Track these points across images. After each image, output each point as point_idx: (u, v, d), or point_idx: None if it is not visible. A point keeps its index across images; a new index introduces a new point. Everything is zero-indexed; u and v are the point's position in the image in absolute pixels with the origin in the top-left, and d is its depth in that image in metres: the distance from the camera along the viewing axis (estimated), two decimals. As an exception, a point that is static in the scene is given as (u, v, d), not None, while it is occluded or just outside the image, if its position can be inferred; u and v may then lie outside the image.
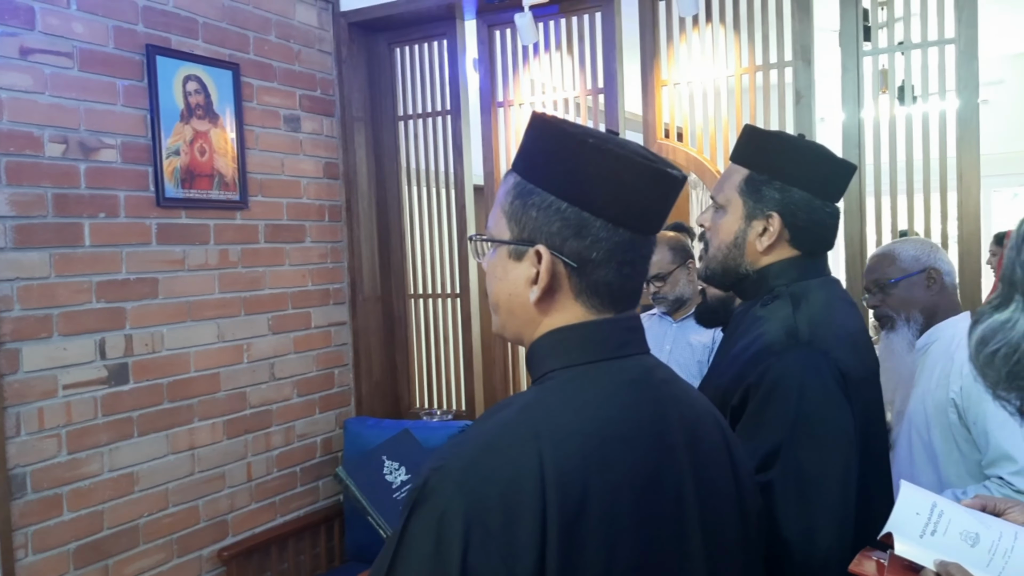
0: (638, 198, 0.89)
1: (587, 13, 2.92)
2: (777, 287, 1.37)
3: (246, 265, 2.76)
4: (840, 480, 1.19)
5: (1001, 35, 5.01)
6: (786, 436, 1.18)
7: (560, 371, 0.90)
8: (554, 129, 0.90)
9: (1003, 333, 0.48)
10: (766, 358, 1.24)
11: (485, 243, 0.97)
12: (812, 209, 1.37)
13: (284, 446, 2.91)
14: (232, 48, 2.71)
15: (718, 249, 1.43)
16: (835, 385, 1.22)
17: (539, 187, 0.90)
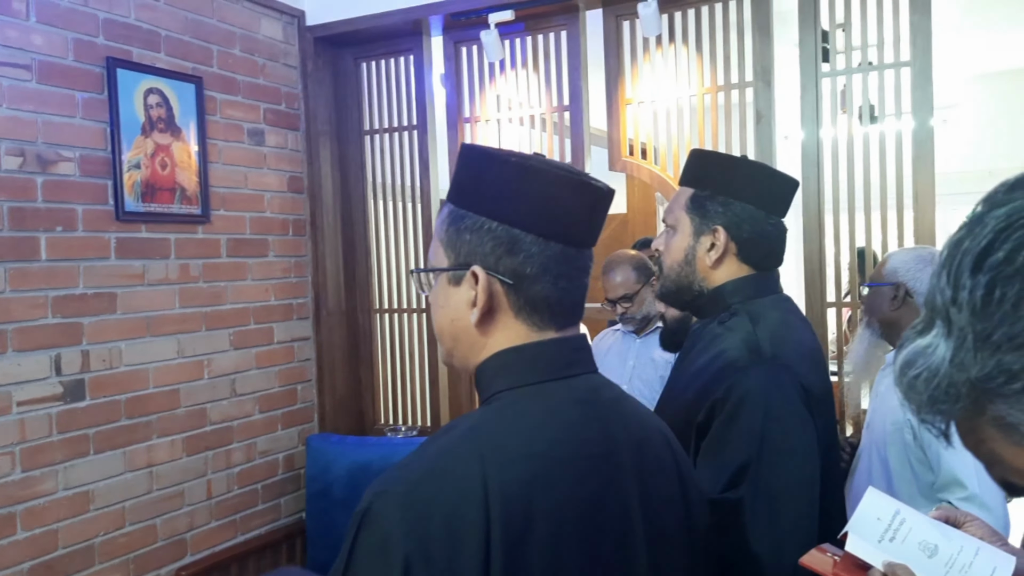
0: (565, 211, 0.92)
1: (552, 31, 2.95)
2: (733, 304, 1.39)
3: (207, 280, 2.73)
4: (807, 495, 1.22)
5: (959, 57, 5.13)
6: (754, 453, 1.20)
7: (507, 392, 0.91)
8: (480, 155, 0.94)
9: (924, 358, 0.48)
10: (731, 374, 1.26)
11: (426, 274, 0.98)
12: (756, 221, 1.41)
13: (245, 463, 2.87)
14: (195, 61, 2.69)
15: (671, 268, 1.47)
16: (799, 400, 1.24)
17: (471, 211, 0.92)
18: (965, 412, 0.48)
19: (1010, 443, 0.46)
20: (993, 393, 0.45)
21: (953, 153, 5.40)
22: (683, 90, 2.77)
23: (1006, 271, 0.44)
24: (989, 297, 0.44)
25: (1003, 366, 0.44)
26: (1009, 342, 0.44)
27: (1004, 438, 0.46)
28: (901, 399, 0.50)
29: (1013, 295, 0.43)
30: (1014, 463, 0.47)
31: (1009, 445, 0.46)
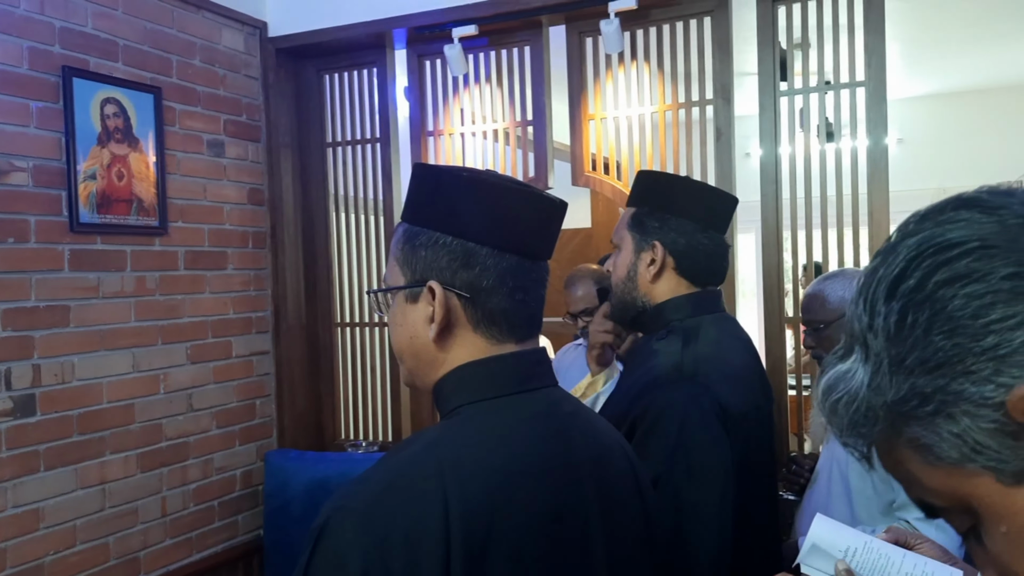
0: (519, 223, 0.92)
1: (516, 47, 2.96)
2: (672, 322, 1.42)
3: (164, 293, 2.68)
4: (716, 509, 1.24)
5: (914, 78, 5.27)
6: (665, 468, 1.22)
7: (467, 406, 0.91)
8: (432, 172, 0.95)
9: (844, 383, 0.50)
10: (652, 391, 1.30)
11: (383, 295, 0.98)
12: (691, 234, 1.45)
13: (201, 479, 2.82)
14: (154, 71, 2.66)
15: (616, 286, 1.52)
16: (714, 419, 1.27)
17: (425, 228, 0.93)
18: (883, 435, 0.49)
19: (925, 464, 0.48)
20: (908, 416, 0.47)
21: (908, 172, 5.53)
22: (645, 107, 2.80)
23: (917, 298, 0.46)
24: (902, 323, 0.46)
25: (916, 389, 0.46)
26: (921, 366, 0.46)
27: (919, 459, 0.48)
28: (823, 422, 0.52)
29: (924, 321, 0.45)
30: (929, 483, 0.49)
31: (924, 466, 0.48)
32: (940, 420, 0.46)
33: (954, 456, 0.46)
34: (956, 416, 0.45)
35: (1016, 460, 0.44)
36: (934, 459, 0.47)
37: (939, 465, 0.47)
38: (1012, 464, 0.45)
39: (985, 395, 0.44)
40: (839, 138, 2.60)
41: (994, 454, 0.45)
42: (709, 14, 2.67)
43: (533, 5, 2.73)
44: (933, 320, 0.45)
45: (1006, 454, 0.45)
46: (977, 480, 0.46)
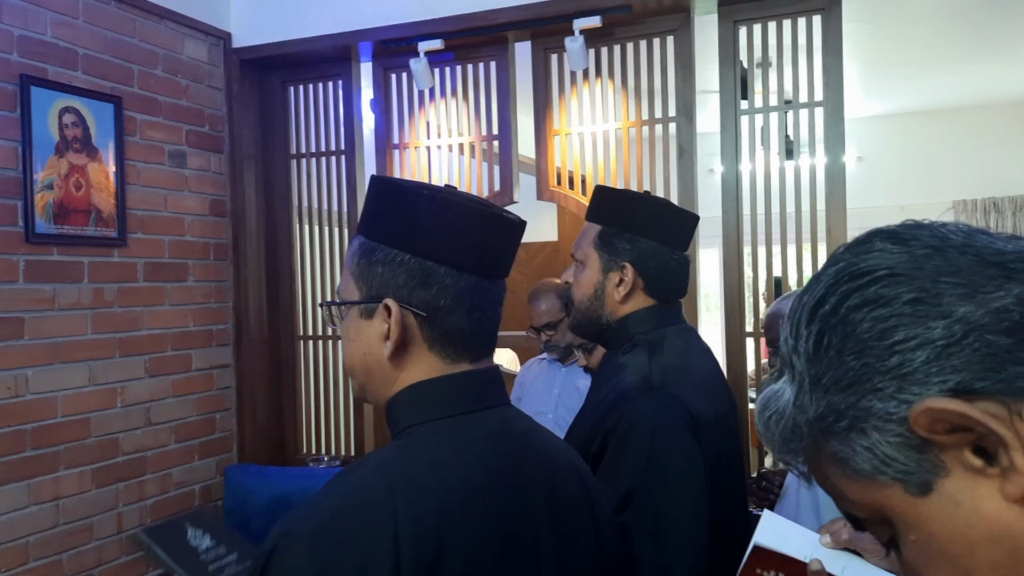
0: (477, 243, 0.92)
1: (482, 62, 2.98)
2: (636, 335, 1.44)
3: (123, 305, 2.64)
4: (692, 520, 1.25)
5: (873, 98, 5.38)
6: (640, 479, 1.23)
7: (419, 426, 0.90)
8: (390, 187, 0.94)
9: (775, 401, 0.54)
10: (622, 404, 1.31)
11: (337, 308, 0.97)
12: (661, 257, 1.47)
13: (159, 495, 2.77)
14: (114, 81, 2.63)
15: (581, 302, 1.51)
16: (685, 428, 1.29)
17: (382, 243, 0.92)
18: (809, 450, 0.53)
19: (844, 477, 0.51)
20: (827, 432, 0.51)
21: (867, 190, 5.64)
22: (609, 123, 2.83)
23: (832, 321, 0.50)
24: (819, 345, 0.50)
25: (832, 406, 0.50)
26: (835, 384, 0.49)
27: (840, 473, 0.51)
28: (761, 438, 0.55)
29: (837, 342, 0.49)
30: (851, 496, 0.52)
31: (844, 479, 0.51)
32: (853, 435, 0.49)
33: (867, 469, 0.49)
34: (867, 431, 0.48)
35: (921, 472, 0.47)
36: (851, 472, 0.50)
37: (856, 478, 0.50)
38: (917, 475, 0.47)
39: (890, 411, 0.47)
40: (798, 156, 2.65)
41: (901, 466, 0.48)
42: (672, 33, 2.71)
43: (499, 21, 2.74)
44: (845, 342, 0.49)
45: (911, 466, 0.48)
46: (888, 491, 0.49)
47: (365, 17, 2.90)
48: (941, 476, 0.47)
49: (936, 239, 0.50)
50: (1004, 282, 0.46)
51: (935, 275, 0.47)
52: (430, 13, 2.82)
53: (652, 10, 2.65)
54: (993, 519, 0.46)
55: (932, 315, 0.46)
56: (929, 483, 0.47)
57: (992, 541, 0.46)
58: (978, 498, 0.46)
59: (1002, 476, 0.45)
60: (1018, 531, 0.45)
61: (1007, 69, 4.83)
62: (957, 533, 0.47)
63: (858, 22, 3.65)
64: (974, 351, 0.45)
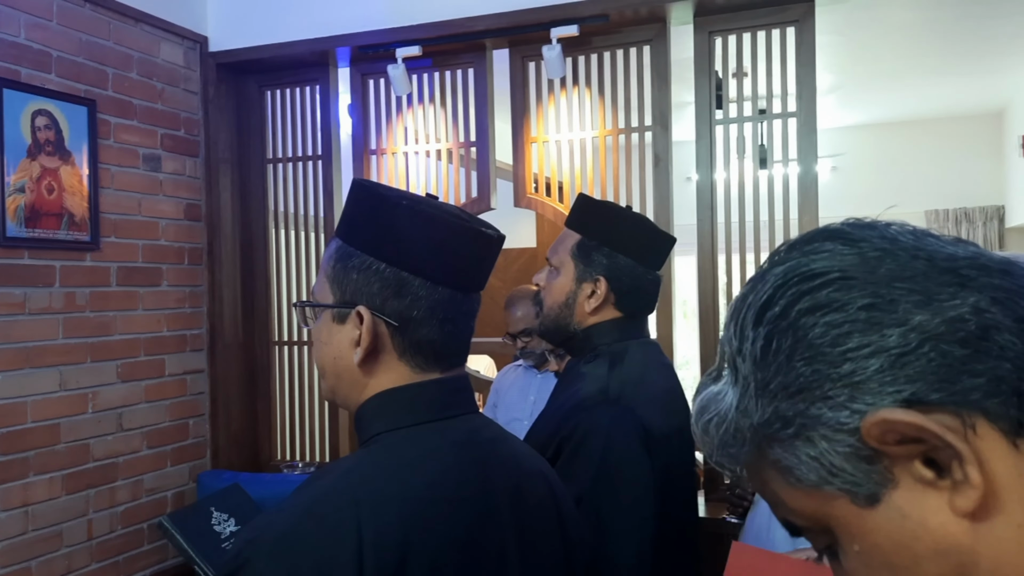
0: (455, 257, 0.92)
1: (460, 68, 2.98)
2: (600, 346, 1.45)
3: (95, 309, 2.62)
4: (636, 532, 1.26)
5: (847, 108, 5.45)
6: (588, 488, 1.25)
7: (386, 434, 0.91)
8: (371, 193, 0.93)
9: (715, 404, 0.52)
10: (578, 413, 1.33)
11: (311, 308, 0.97)
12: (636, 275, 1.48)
13: (130, 501, 2.74)
14: (89, 84, 2.61)
15: (551, 308, 1.53)
16: (637, 441, 1.30)
17: (359, 250, 0.92)
18: (750, 456, 0.51)
19: (787, 485, 0.50)
20: (772, 438, 0.49)
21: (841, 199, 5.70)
22: (586, 131, 2.85)
23: (781, 325, 0.48)
24: (767, 348, 0.48)
25: (779, 413, 0.48)
26: (784, 391, 0.48)
27: (782, 480, 0.50)
28: (696, 441, 0.54)
29: (787, 347, 0.47)
30: (792, 504, 0.50)
31: (786, 486, 0.50)
32: (800, 443, 0.48)
33: (813, 478, 0.48)
34: (815, 440, 0.47)
35: (869, 483, 0.46)
36: (795, 481, 0.49)
37: (799, 487, 0.49)
38: (865, 487, 0.46)
39: (841, 420, 0.46)
40: (772, 165, 2.68)
41: (849, 477, 0.47)
42: (648, 43, 2.73)
43: (477, 28, 2.75)
44: (795, 347, 0.47)
45: (860, 477, 0.46)
46: (834, 502, 0.48)
47: (343, 23, 2.90)
48: (889, 488, 0.46)
49: (886, 241, 0.49)
50: (959, 290, 0.45)
51: (889, 280, 0.46)
52: (408, 20, 2.83)
53: (629, 20, 2.67)
54: (940, 532, 0.45)
55: (887, 322, 0.45)
56: (877, 495, 0.46)
57: (938, 554, 0.45)
58: (926, 511, 0.45)
59: (952, 489, 0.44)
60: (965, 545, 0.44)
61: (977, 82, 4.92)
62: (903, 545, 0.46)
63: (832, 34, 3.70)
64: (929, 361, 0.44)
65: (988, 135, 5.79)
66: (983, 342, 0.44)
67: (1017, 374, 0.44)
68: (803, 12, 2.55)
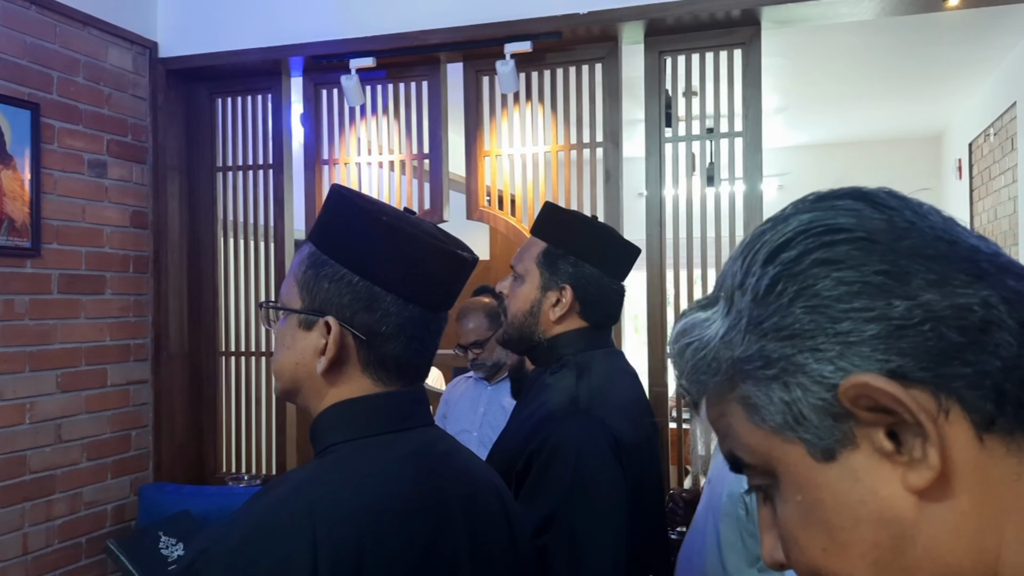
0: (428, 276, 0.93)
1: (414, 81, 2.99)
2: (565, 356, 1.46)
3: (35, 317, 2.55)
4: (611, 545, 1.27)
5: (795, 128, 5.59)
6: (562, 501, 1.25)
7: (341, 445, 0.91)
8: (351, 204, 0.93)
9: (700, 330, 0.52)
10: (548, 424, 1.32)
11: (276, 311, 0.97)
12: (601, 285, 1.49)
13: (68, 515, 2.67)
14: (33, 87, 2.55)
15: (515, 316, 1.52)
16: (609, 452, 1.31)
17: (333, 259, 0.92)
18: (718, 387, 0.52)
19: (747, 421, 0.50)
20: (747, 375, 0.49)
21: (787, 216, 5.82)
22: (539, 146, 2.87)
23: (793, 269, 0.48)
24: (772, 288, 0.48)
25: (764, 352, 0.48)
26: (775, 332, 0.48)
27: (744, 416, 0.50)
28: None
29: (792, 291, 0.47)
30: (746, 440, 0.51)
31: (746, 423, 0.50)
32: (776, 386, 0.48)
33: (777, 421, 0.48)
34: (791, 386, 0.47)
35: (830, 440, 0.47)
36: (759, 420, 0.49)
37: (761, 426, 0.49)
38: (825, 442, 0.47)
39: (824, 374, 0.46)
40: (719, 183, 2.74)
41: (813, 428, 0.47)
42: (600, 61, 2.78)
43: (431, 42, 2.77)
44: (800, 293, 0.47)
45: (823, 432, 0.47)
46: (789, 448, 0.48)
47: (297, 32, 2.89)
48: (848, 448, 0.46)
49: (916, 216, 0.49)
50: (974, 280, 0.45)
51: (910, 253, 0.46)
52: (362, 31, 2.83)
53: (581, 38, 2.71)
54: (887, 503, 0.46)
55: (897, 292, 0.45)
56: (834, 452, 0.47)
57: (880, 523, 0.46)
58: (878, 479, 0.46)
59: (908, 465, 0.45)
60: (908, 520, 0.45)
61: (917, 106, 5.10)
62: (847, 507, 0.47)
63: (779, 56, 3.80)
64: (925, 340, 0.44)
65: (927, 158, 6.00)
66: (982, 335, 0.45)
67: (1004, 374, 0.45)
68: (749, 35, 2.61)
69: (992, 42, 3.90)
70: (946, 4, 2.44)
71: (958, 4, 2.44)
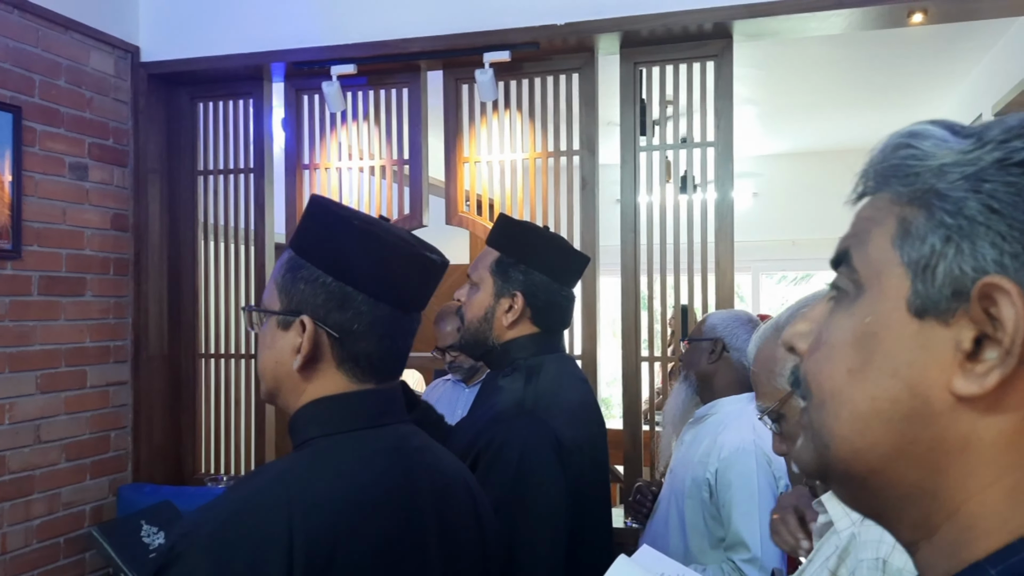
0: (399, 278, 0.98)
1: (394, 88, 3.04)
2: (517, 360, 1.53)
3: (14, 319, 2.57)
4: (549, 541, 1.33)
5: (769, 137, 5.68)
6: (503, 497, 1.31)
7: (319, 439, 0.96)
8: (326, 210, 0.99)
9: (932, 143, 0.50)
10: (494, 425, 1.39)
11: (258, 313, 1.02)
12: (551, 291, 1.57)
13: (46, 515, 2.68)
14: (14, 90, 2.57)
15: (470, 322, 1.60)
16: (551, 452, 1.38)
17: (309, 262, 0.98)
18: (895, 195, 0.51)
19: (886, 236, 0.50)
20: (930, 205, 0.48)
21: (762, 224, 5.93)
22: (517, 153, 2.93)
23: None
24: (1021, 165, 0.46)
25: (962, 204, 0.46)
26: (987, 197, 0.46)
27: (892, 232, 0.50)
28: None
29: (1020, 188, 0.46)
30: (873, 249, 0.51)
31: (887, 237, 0.50)
32: (941, 232, 0.47)
33: (911, 256, 0.48)
34: (951, 242, 0.46)
35: (934, 303, 0.46)
36: (899, 243, 0.49)
37: (894, 247, 0.49)
38: (929, 302, 0.47)
39: (985, 257, 0.45)
40: (692, 191, 2.80)
41: (932, 285, 0.47)
42: (577, 71, 2.84)
43: (411, 50, 2.81)
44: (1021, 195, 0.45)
45: (935, 294, 0.46)
46: (899, 282, 0.48)
47: (278, 38, 2.93)
48: (939, 321, 0.46)
49: None
50: None
51: None
52: (344, 38, 2.87)
53: (559, 48, 2.77)
54: (927, 383, 0.46)
55: None
56: (926, 313, 0.47)
57: (909, 390, 0.47)
58: (937, 361, 0.46)
59: (968, 372, 0.45)
60: (932, 407, 0.46)
61: (888, 116, 5.20)
62: (896, 358, 0.47)
63: (752, 67, 3.89)
64: None
65: (899, 167, 6.09)
66: None
67: None
68: (722, 48, 2.69)
69: (959, 56, 4.00)
70: (911, 20, 2.52)
71: (922, 20, 2.52)
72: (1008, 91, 3.67)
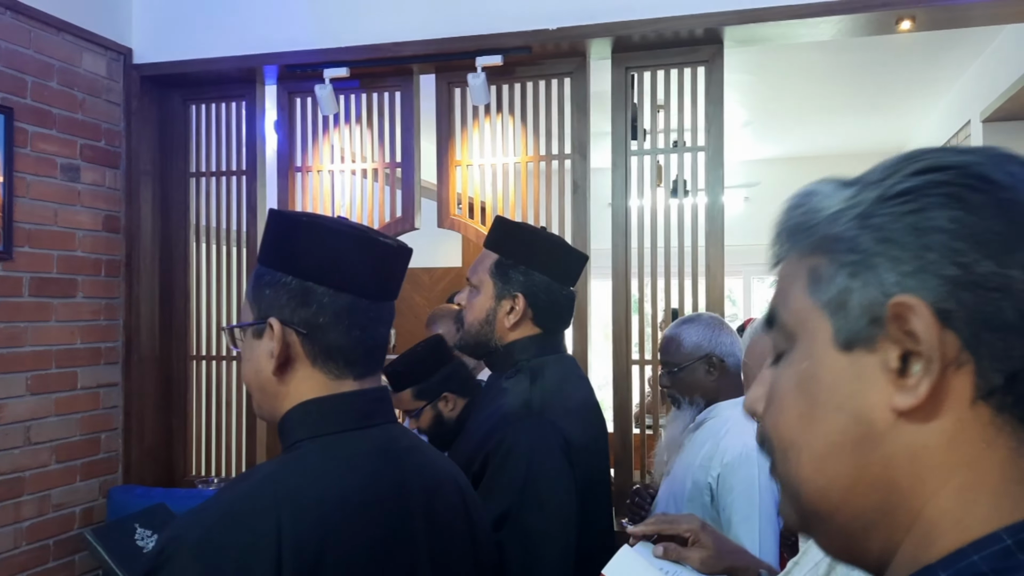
0: (354, 265, 0.99)
1: (387, 91, 3.05)
2: (520, 361, 1.53)
3: (5, 320, 2.57)
4: (561, 540, 1.34)
5: (760, 142, 5.71)
6: (515, 500, 1.32)
7: (307, 441, 0.96)
8: (280, 217, 1.02)
9: (819, 199, 0.55)
10: (503, 427, 1.39)
11: (234, 330, 1.03)
12: (552, 291, 1.57)
13: (36, 517, 2.68)
14: (6, 91, 2.57)
15: (471, 325, 1.60)
16: (560, 452, 1.38)
17: (271, 268, 1.00)
18: (800, 250, 0.56)
19: (803, 288, 0.54)
20: (830, 251, 0.53)
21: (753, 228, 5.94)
22: (509, 157, 2.94)
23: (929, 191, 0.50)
24: (900, 197, 0.51)
25: (856, 241, 0.52)
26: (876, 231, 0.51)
27: (803, 283, 0.55)
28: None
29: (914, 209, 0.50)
30: (791, 303, 0.56)
31: (802, 288, 0.54)
32: (845, 271, 0.51)
33: (825, 298, 0.52)
34: (856, 277, 0.50)
35: (856, 334, 0.50)
36: (813, 290, 0.53)
37: (811, 296, 0.53)
38: (851, 334, 0.51)
39: (890, 282, 0.49)
40: (682, 196, 2.82)
41: (850, 319, 0.51)
42: (569, 75, 2.85)
43: (404, 54, 2.82)
44: (918, 211, 0.49)
45: (855, 325, 0.50)
46: (822, 324, 0.52)
47: (271, 41, 2.93)
48: (865, 349, 0.50)
49: None
50: None
51: None
52: (336, 41, 2.88)
53: (551, 52, 2.79)
54: (869, 407, 0.50)
55: (993, 255, 0.47)
56: (853, 345, 0.50)
57: (855, 418, 0.50)
58: (872, 385, 0.50)
59: (901, 387, 0.48)
60: (878, 428, 0.49)
61: (878, 122, 5.24)
62: (837, 392, 0.51)
63: (743, 73, 3.91)
64: (986, 303, 0.47)
65: (889, 172, 6.12)
66: None
67: None
68: (712, 53, 2.71)
69: (947, 63, 4.04)
70: (899, 27, 2.55)
71: (910, 28, 2.55)
72: (996, 98, 3.71)
